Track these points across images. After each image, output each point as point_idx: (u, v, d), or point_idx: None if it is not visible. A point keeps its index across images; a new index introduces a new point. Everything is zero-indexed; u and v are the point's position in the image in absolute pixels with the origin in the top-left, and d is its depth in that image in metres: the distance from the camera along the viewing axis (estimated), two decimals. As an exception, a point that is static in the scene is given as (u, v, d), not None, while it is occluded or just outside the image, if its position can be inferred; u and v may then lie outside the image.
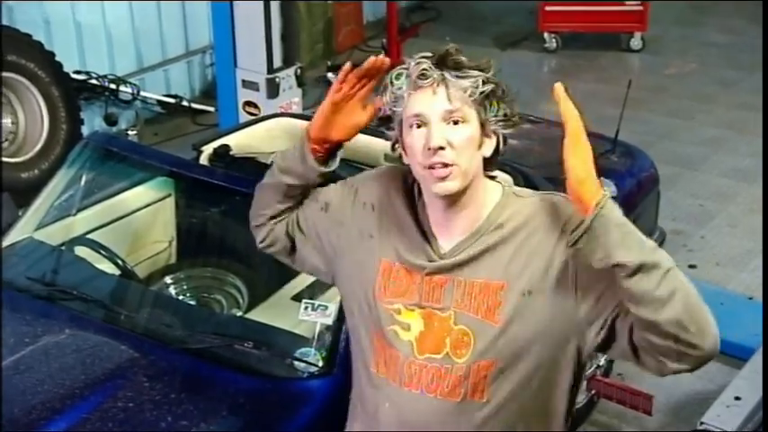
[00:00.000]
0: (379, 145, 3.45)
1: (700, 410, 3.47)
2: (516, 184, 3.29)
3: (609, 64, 7.41)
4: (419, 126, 1.74)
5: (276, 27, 5.15)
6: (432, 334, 1.79)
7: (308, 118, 3.88)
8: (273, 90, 5.16)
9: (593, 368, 3.56)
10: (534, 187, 3.34)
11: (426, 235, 1.83)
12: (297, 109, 5.27)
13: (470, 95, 1.73)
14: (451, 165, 1.71)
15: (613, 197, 4.03)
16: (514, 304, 1.76)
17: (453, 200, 1.77)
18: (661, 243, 4.22)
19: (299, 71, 5.32)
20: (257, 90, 5.19)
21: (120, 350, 2.65)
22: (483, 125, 1.76)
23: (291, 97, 5.29)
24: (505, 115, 1.79)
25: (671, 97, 6.80)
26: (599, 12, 7.45)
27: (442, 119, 1.72)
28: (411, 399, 1.80)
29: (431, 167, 1.72)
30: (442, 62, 1.74)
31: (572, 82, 7.13)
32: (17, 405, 2.41)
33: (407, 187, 1.88)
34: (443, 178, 1.72)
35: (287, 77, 5.23)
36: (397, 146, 1.83)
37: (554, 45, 7.63)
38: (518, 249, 1.77)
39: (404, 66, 1.77)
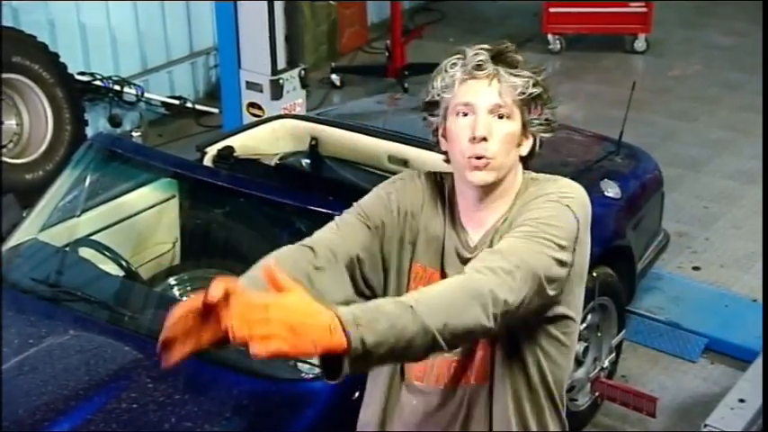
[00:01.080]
0: (383, 147, 3.46)
1: (704, 413, 3.46)
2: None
3: (613, 66, 7.40)
4: (465, 114, 1.78)
5: (280, 28, 5.16)
6: None
7: (311, 119, 3.91)
8: (277, 91, 5.17)
9: (596, 370, 3.56)
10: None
11: (458, 230, 1.86)
12: (301, 110, 5.28)
13: (519, 95, 1.78)
14: (491, 158, 1.76)
15: (617, 198, 4.06)
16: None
17: (485, 191, 1.81)
18: (665, 245, 4.22)
19: (302, 73, 5.32)
20: (261, 91, 5.20)
21: (124, 351, 2.65)
22: (525, 125, 1.81)
23: (295, 99, 5.30)
24: (547, 120, 1.84)
25: (675, 99, 6.79)
26: (603, 13, 7.44)
27: (490, 111, 1.77)
28: (439, 395, 1.87)
29: (470, 157, 1.76)
30: (499, 57, 1.79)
31: (576, 83, 7.15)
32: (22, 406, 2.41)
33: (439, 191, 1.90)
34: (480, 168, 1.76)
35: (291, 79, 5.24)
36: (436, 133, 1.86)
37: (558, 46, 7.62)
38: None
39: (460, 55, 1.81)
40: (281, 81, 5.17)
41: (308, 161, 3.70)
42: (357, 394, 2.24)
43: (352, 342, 1.43)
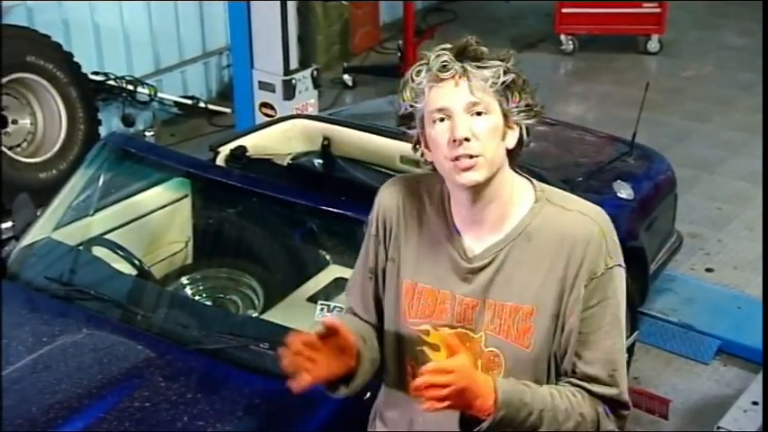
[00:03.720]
0: (395, 147, 3.46)
1: (716, 415, 3.45)
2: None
3: (626, 66, 7.38)
4: (442, 120, 1.72)
5: (293, 29, 5.17)
6: (466, 355, 1.78)
7: (323, 120, 3.91)
8: (290, 91, 5.18)
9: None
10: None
11: (454, 240, 1.81)
12: (313, 110, 5.28)
13: (492, 86, 1.71)
14: (477, 156, 1.70)
15: (630, 200, 4.05)
16: (544, 329, 1.77)
17: (479, 192, 1.75)
18: (678, 246, 4.21)
19: (315, 73, 5.33)
20: (274, 91, 5.21)
21: (137, 350, 2.66)
22: (506, 116, 1.74)
23: (308, 99, 5.31)
24: (528, 105, 1.76)
25: (688, 100, 6.77)
26: (616, 14, 7.42)
27: (466, 110, 1.70)
28: (444, 415, 1.79)
29: (456, 159, 1.71)
30: (463, 53, 1.72)
31: (588, 84, 7.13)
32: (35, 404, 2.42)
33: (433, 197, 1.86)
34: (469, 169, 1.71)
35: (303, 79, 5.25)
36: (418, 145, 1.81)
37: (570, 47, 7.60)
38: (549, 272, 1.75)
39: (423, 61, 1.75)
40: (293, 81, 5.17)
41: (320, 161, 3.71)
42: (369, 394, 2.24)
43: (495, 417, 1.69)
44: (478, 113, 1.71)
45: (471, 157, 1.70)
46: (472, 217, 1.79)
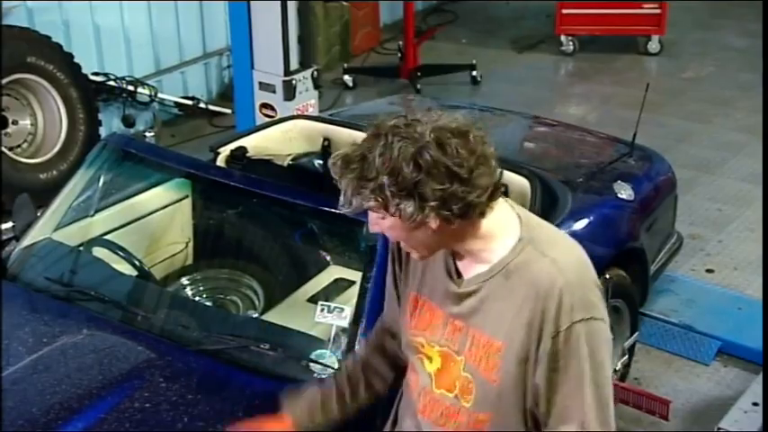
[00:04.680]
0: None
1: (717, 416, 3.45)
2: (533, 187, 3.30)
3: (626, 67, 7.38)
4: None
5: (293, 29, 5.17)
6: (447, 373, 1.84)
7: (324, 120, 3.91)
8: (290, 92, 5.17)
9: (609, 372, 3.54)
10: (551, 191, 3.37)
11: (449, 265, 1.83)
12: (313, 111, 5.28)
13: (375, 198, 1.65)
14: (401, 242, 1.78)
15: (631, 200, 4.04)
16: (510, 368, 1.76)
17: (454, 252, 1.81)
18: (678, 247, 4.21)
19: (315, 73, 5.33)
20: (274, 92, 5.20)
21: (137, 351, 2.66)
22: (405, 219, 1.66)
23: (308, 99, 5.30)
24: (427, 201, 1.63)
25: (689, 101, 6.76)
26: (616, 15, 7.42)
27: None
28: (426, 425, 1.89)
29: None
30: (343, 170, 1.68)
31: (589, 85, 7.13)
32: (35, 405, 2.42)
33: None
34: (408, 251, 1.81)
35: (303, 80, 5.24)
36: None
37: (571, 48, 7.61)
38: (518, 314, 1.74)
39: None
40: (293, 82, 5.17)
41: (320, 162, 3.71)
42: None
43: None
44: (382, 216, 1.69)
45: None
46: (460, 256, 1.81)
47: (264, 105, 5.25)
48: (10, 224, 3.30)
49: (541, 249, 1.75)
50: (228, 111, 6.27)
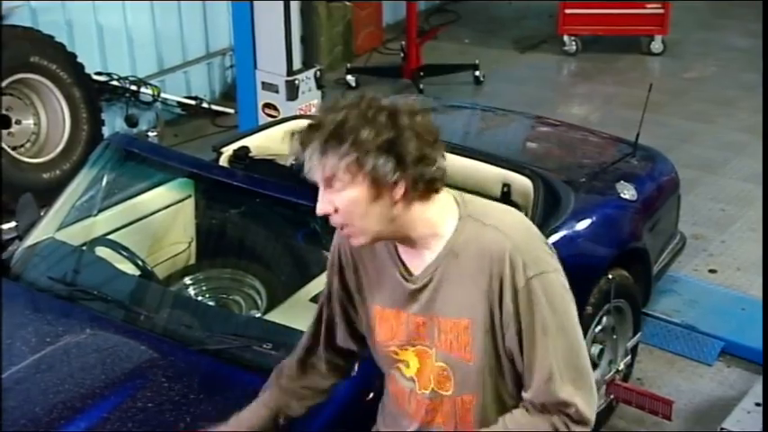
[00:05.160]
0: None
1: (720, 416, 3.44)
2: (535, 187, 3.30)
3: (629, 67, 7.38)
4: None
5: (296, 29, 5.17)
6: (424, 370, 1.88)
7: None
8: (293, 92, 5.17)
9: (612, 372, 3.54)
10: (554, 191, 3.36)
11: (397, 264, 1.87)
12: (316, 111, 5.28)
13: (338, 167, 1.69)
14: (346, 227, 1.76)
15: (633, 201, 4.04)
16: (481, 341, 1.80)
17: (397, 242, 1.82)
18: (681, 247, 4.20)
19: (318, 73, 5.33)
20: (277, 92, 5.21)
21: (140, 350, 2.66)
22: (375, 180, 1.69)
23: (311, 99, 5.30)
24: (399, 162, 1.68)
25: (692, 101, 6.76)
26: (619, 15, 7.42)
27: (326, 185, 1.74)
28: (416, 427, 1.92)
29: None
30: (307, 141, 1.72)
31: (592, 85, 7.13)
32: (38, 404, 2.43)
33: None
34: (349, 236, 1.78)
35: (306, 80, 5.24)
36: None
37: (574, 48, 7.60)
38: (475, 286, 1.78)
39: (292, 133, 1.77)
40: (296, 82, 5.17)
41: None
42: (372, 395, 2.25)
43: None
44: (339, 188, 1.72)
45: (343, 227, 1.76)
46: (404, 245, 1.84)
47: (267, 105, 5.25)
48: (13, 224, 3.30)
49: (481, 220, 1.80)
50: (231, 111, 6.28)
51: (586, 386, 1.80)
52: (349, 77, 6.93)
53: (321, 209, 1.75)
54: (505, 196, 3.39)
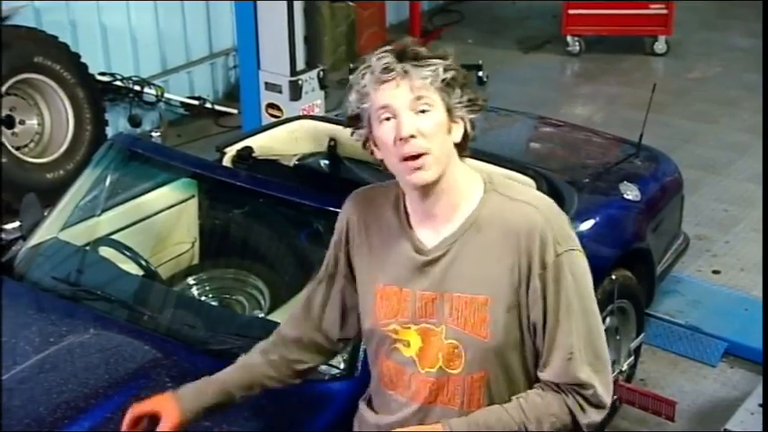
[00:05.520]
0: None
1: (723, 417, 3.44)
2: (539, 187, 3.30)
3: (632, 67, 7.37)
4: (388, 119, 1.77)
5: (299, 30, 5.17)
6: (429, 348, 1.85)
7: (330, 120, 3.92)
8: (296, 92, 5.18)
9: (615, 373, 3.54)
10: (557, 191, 3.36)
11: (409, 236, 1.86)
12: (319, 111, 5.28)
13: (432, 83, 1.76)
14: (424, 153, 1.75)
15: (637, 201, 4.03)
16: (500, 319, 1.79)
17: (430, 187, 1.80)
18: (685, 248, 4.20)
19: (321, 74, 5.33)
20: (280, 92, 5.21)
21: (144, 350, 2.66)
22: (449, 111, 1.78)
23: (314, 99, 5.30)
24: (470, 100, 1.81)
25: (695, 101, 6.75)
26: (623, 15, 7.41)
27: (410, 108, 1.75)
28: (418, 410, 1.88)
29: (405, 159, 1.75)
30: (403, 55, 1.77)
31: (595, 85, 7.12)
32: (42, 404, 2.43)
33: (390, 201, 1.91)
34: (418, 168, 1.75)
35: (310, 80, 5.25)
36: (367, 144, 1.86)
37: (577, 48, 7.60)
38: (499, 261, 1.79)
39: (366, 64, 1.81)
40: (299, 82, 5.18)
41: (326, 162, 3.71)
42: (375, 395, 2.24)
43: None
44: (422, 111, 1.75)
45: (419, 156, 1.74)
46: (425, 211, 1.84)
47: (271, 105, 5.25)
48: (17, 223, 3.30)
49: (508, 195, 1.83)
50: (235, 111, 6.28)
51: (605, 370, 1.82)
52: (352, 78, 6.91)
53: (408, 129, 1.73)
54: None
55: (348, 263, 1.98)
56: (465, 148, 1.84)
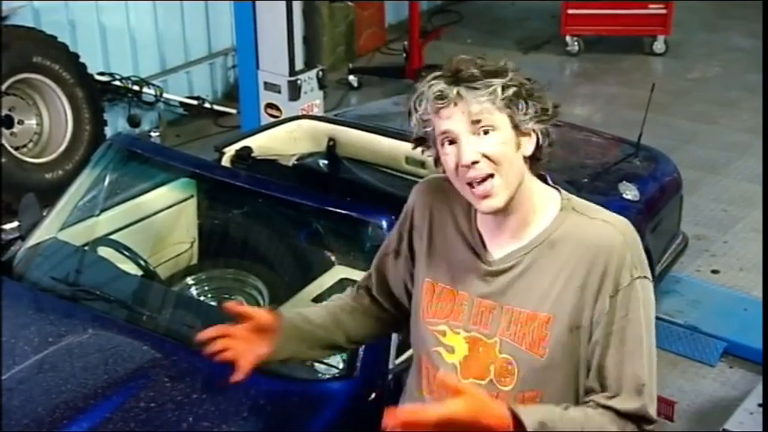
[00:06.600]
0: (400, 148, 3.46)
1: (722, 417, 3.44)
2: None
3: (632, 67, 7.37)
4: (450, 143, 1.71)
5: (298, 30, 5.17)
6: (476, 360, 1.78)
7: (329, 120, 3.92)
8: (295, 92, 5.18)
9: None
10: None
11: (475, 243, 1.81)
12: (318, 111, 5.28)
13: (492, 103, 1.68)
14: (490, 176, 1.68)
15: (636, 201, 4.03)
16: (561, 339, 1.73)
17: (501, 208, 1.74)
18: (684, 248, 4.20)
19: (320, 73, 5.33)
20: (279, 92, 5.21)
21: (142, 350, 2.66)
22: (517, 126, 1.70)
23: (313, 99, 5.30)
24: (537, 112, 1.72)
25: (694, 101, 6.75)
26: (622, 15, 7.41)
27: (470, 132, 1.68)
28: None
29: (470, 184, 1.70)
30: (456, 79, 1.70)
31: (594, 85, 7.12)
32: (41, 404, 2.43)
33: (461, 199, 1.82)
34: (486, 196, 1.70)
35: (308, 80, 5.25)
36: (438, 163, 1.79)
37: (576, 48, 7.60)
38: (569, 280, 1.73)
39: (419, 92, 1.74)
40: (298, 82, 5.18)
41: (325, 162, 3.71)
42: (374, 395, 2.25)
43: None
44: (485, 132, 1.68)
45: (485, 179, 1.68)
46: (494, 225, 1.78)
47: (269, 105, 5.25)
48: (16, 223, 3.30)
49: (587, 214, 1.78)
50: (234, 111, 6.28)
51: (654, 404, 1.78)
52: (351, 78, 6.92)
53: (469, 156, 1.66)
54: None
55: (410, 245, 1.92)
56: (540, 159, 1.75)
